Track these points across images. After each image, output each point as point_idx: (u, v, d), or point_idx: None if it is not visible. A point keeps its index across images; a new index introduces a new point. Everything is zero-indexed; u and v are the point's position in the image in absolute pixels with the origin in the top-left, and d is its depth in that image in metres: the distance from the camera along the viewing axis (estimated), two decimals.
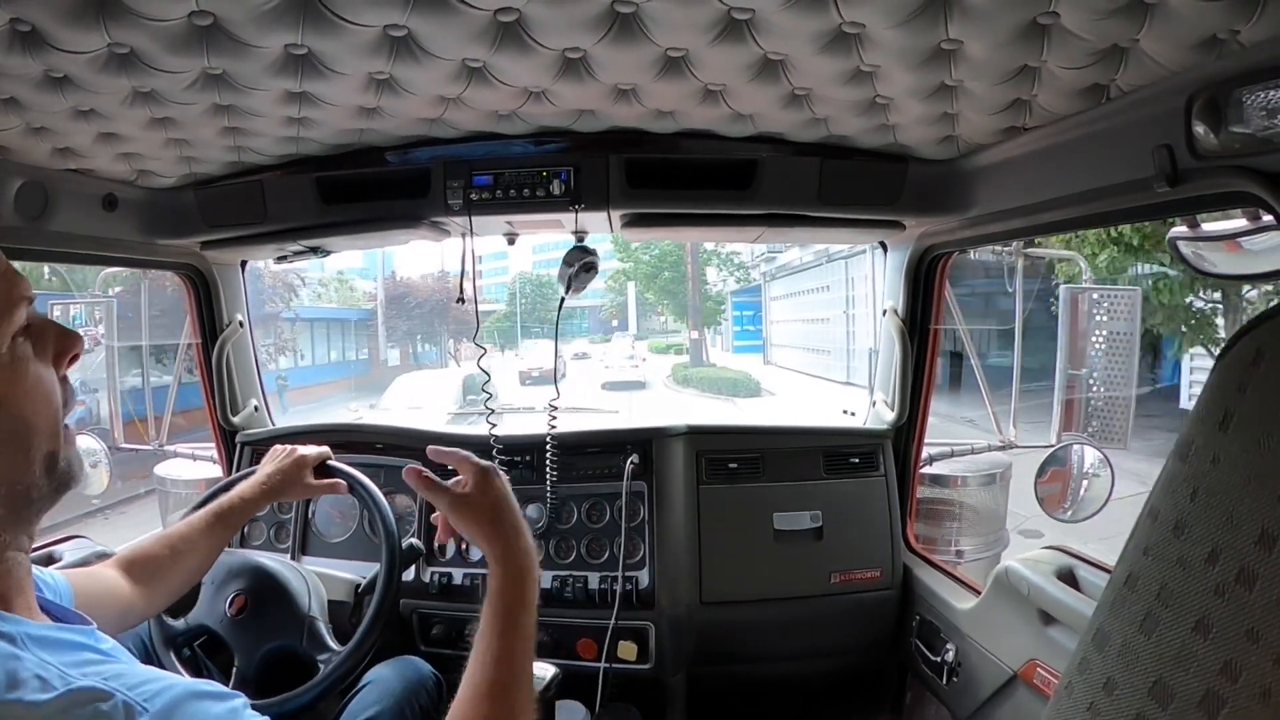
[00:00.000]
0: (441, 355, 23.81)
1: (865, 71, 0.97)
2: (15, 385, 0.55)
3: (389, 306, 22.61)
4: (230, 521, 1.20)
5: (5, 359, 0.55)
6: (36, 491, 0.57)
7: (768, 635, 1.66)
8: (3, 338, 0.55)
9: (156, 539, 1.11)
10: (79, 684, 0.50)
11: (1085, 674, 0.50)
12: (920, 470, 1.83)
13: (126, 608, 1.01)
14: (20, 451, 0.55)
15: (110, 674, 0.52)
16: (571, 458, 1.64)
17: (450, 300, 20.29)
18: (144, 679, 0.52)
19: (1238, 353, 0.45)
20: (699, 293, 22.80)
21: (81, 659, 0.53)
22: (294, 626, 1.27)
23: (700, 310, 22.72)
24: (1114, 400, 2.07)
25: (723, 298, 25.23)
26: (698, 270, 22.91)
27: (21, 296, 0.57)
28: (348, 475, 1.36)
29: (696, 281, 22.93)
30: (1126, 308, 2.11)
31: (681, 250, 22.42)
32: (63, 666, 0.51)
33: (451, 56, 0.95)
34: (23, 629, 0.53)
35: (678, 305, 24.18)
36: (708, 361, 21.96)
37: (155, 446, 2.16)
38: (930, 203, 1.38)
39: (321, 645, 1.26)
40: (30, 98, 0.97)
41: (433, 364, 22.14)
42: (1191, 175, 0.85)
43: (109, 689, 0.50)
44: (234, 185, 1.44)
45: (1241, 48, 0.77)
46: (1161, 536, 0.46)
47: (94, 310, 2.23)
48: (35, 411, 0.57)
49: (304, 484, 1.31)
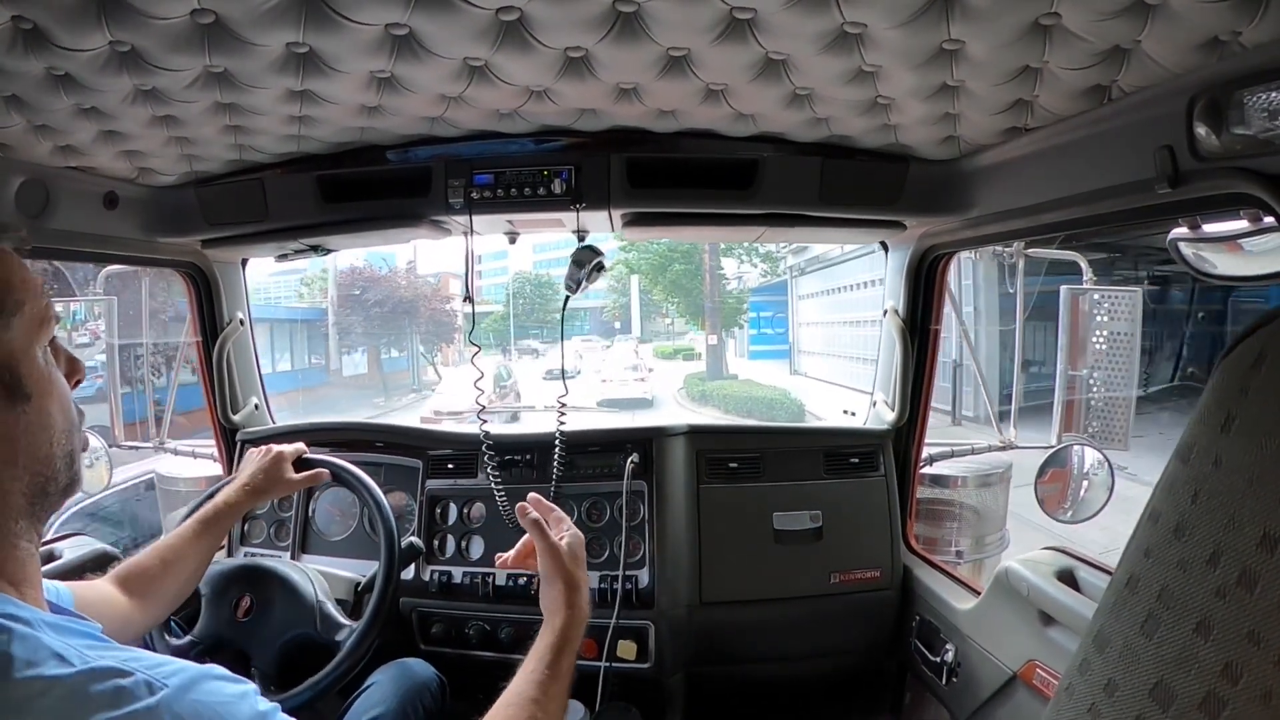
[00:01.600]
0: (413, 361, 19.30)
1: (867, 71, 0.97)
2: (48, 387, 0.62)
3: (344, 305, 17.99)
4: (216, 528, 1.20)
5: (41, 363, 0.62)
6: (54, 486, 0.62)
7: (767, 635, 1.66)
8: (41, 345, 0.63)
9: (148, 552, 1.12)
10: (98, 663, 0.52)
11: (1086, 675, 0.50)
12: (920, 470, 1.83)
13: (125, 620, 1.02)
14: (46, 444, 0.61)
15: (127, 656, 0.54)
16: (572, 457, 1.64)
17: (423, 298, 18.03)
18: (159, 661, 0.55)
19: (1239, 355, 0.45)
20: (718, 289, 18.66)
21: (95, 644, 0.56)
22: (305, 613, 1.27)
23: (720, 310, 18.52)
24: (1114, 400, 2.07)
25: (745, 295, 20.60)
26: (715, 262, 18.39)
27: (54, 313, 0.65)
28: (328, 464, 1.36)
29: (715, 275, 18.71)
30: (1127, 308, 2.11)
31: None
32: (81, 647, 0.54)
33: (453, 55, 0.95)
34: (38, 615, 0.55)
35: (690, 303, 20.05)
36: (728, 373, 18.07)
37: (155, 444, 2.16)
38: (931, 203, 1.38)
39: (336, 625, 1.26)
40: (32, 96, 0.97)
41: (401, 372, 18.74)
42: (1193, 176, 0.85)
43: (128, 668, 0.53)
44: (235, 183, 1.44)
45: (1243, 49, 0.77)
46: (1162, 538, 0.46)
47: (94, 307, 2.23)
48: (60, 412, 0.63)
49: (286, 480, 1.31)
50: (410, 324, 18.75)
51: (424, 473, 1.71)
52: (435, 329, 18.83)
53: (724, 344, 18.65)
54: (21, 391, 0.59)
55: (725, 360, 18.41)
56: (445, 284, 19.40)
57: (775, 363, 19.34)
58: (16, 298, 0.60)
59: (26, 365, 0.60)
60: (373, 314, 17.96)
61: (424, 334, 19.03)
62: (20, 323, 0.60)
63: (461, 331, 18.69)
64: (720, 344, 18.36)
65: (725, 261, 18.96)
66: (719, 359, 18.13)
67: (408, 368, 19.07)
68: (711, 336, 18.26)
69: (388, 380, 17.81)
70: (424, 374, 19.07)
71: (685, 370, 18.65)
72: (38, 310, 0.62)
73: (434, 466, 1.71)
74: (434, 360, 19.51)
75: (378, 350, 18.54)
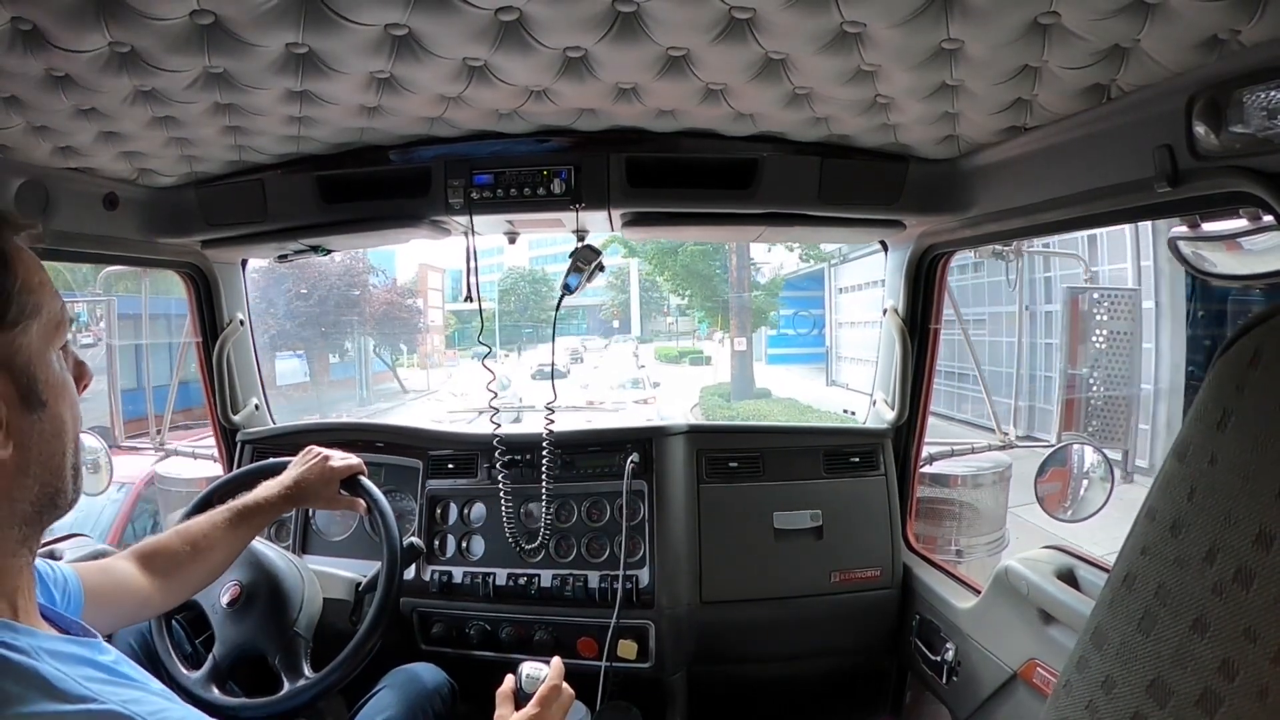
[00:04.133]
0: (361, 368, 15.43)
1: (866, 71, 0.97)
2: (62, 393, 0.60)
3: (274, 300, 13.10)
4: (253, 522, 1.20)
5: (56, 368, 0.60)
6: (62, 498, 0.60)
7: (768, 634, 1.66)
8: (55, 349, 0.60)
9: (174, 534, 1.11)
10: (96, 705, 0.51)
11: (1084, 672, 0.50)
12: (920, 470, 1.83)
13: (143, 601, 1.01)
14: (58, 453, 0.59)
15: (128, 698, 0.53)
16: (572, 456, 1.64)
17: (375, 296, 14.62)
18: (160, 707, 0.54)
19: (1236, 353, 0.45)
20: (746, 278, 13.92)
21: (96, 672, 0.54)
22: (275, 637, 1.26)
23: (749, 306, 13.90)
24: (1114, 400, 2.08)
25: (777, 286, 15.61)
26: (743, 245, 12.77)
27: (69, 316, 0.63)
28: (372, 498, 1.34)
29: (744, 261, 14.09)
30: (1127, 307, 2.12)
31: None
32: (80, 678, 0.52)
33: (452, 55, 0.95)
34: (37, 641, 0.53)
35: (707, 296, 15.39)
36: (758, 388, 13.55)
37: (155, 445, 2.16)
38: (931, 202, 1.38)
39: (293, 666, 1.24)
40: (31, 97, 0.97)
41: (349, 380, 15.29)
42: (1192, 175, 0.85)
43: (128, 712, 0.51)
44: (235, 184, 1.45)
45: (1242, 48, 0.77)
46: (1159, 536, 0.47)
47: (94, 309, 2.23)
48: (72, 419, 0.61)
49: (327, 497, 1.31)
50: (359, 323, 14.92)
51: (424, 473, 1.71)
52: (392, 328, 15.74)
53: (753, 349, 14.28)
54: (38, 398, 0.57)
55: (752, 371, 13.99)
56: (424, 277, 18.08)
57: (799, 368, 15.42)
58: (35, 300, 0.58)
59: (43, 370, 0.58)
60: (303, 311, 13.85)
61: (376, 335, 15.66)
62: (38, 326, 0.58)
63: (434, 332, 17.74)
64: (750, 349, 13.81)
65: (754, 244, 12.40)
66: (747, 370, 13.50)
67: (354, 374, 15.51)
68: (739, 340, 13.70)
69: (326, 392, 14.33)
70: (382, 381, 15.85)
71: (693, 376, 15.01)
72: (54, 314, 0.60)
73: (434, 467, 1.71)
74: (394, 364, 16.36)
75: (327, 356, 15.02)
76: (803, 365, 15.25)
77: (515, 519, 1.61)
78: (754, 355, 14.25)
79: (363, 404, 14.62)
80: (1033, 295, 6.80)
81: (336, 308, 14.33)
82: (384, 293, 15.61)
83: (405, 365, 17.19)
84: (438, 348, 18.92)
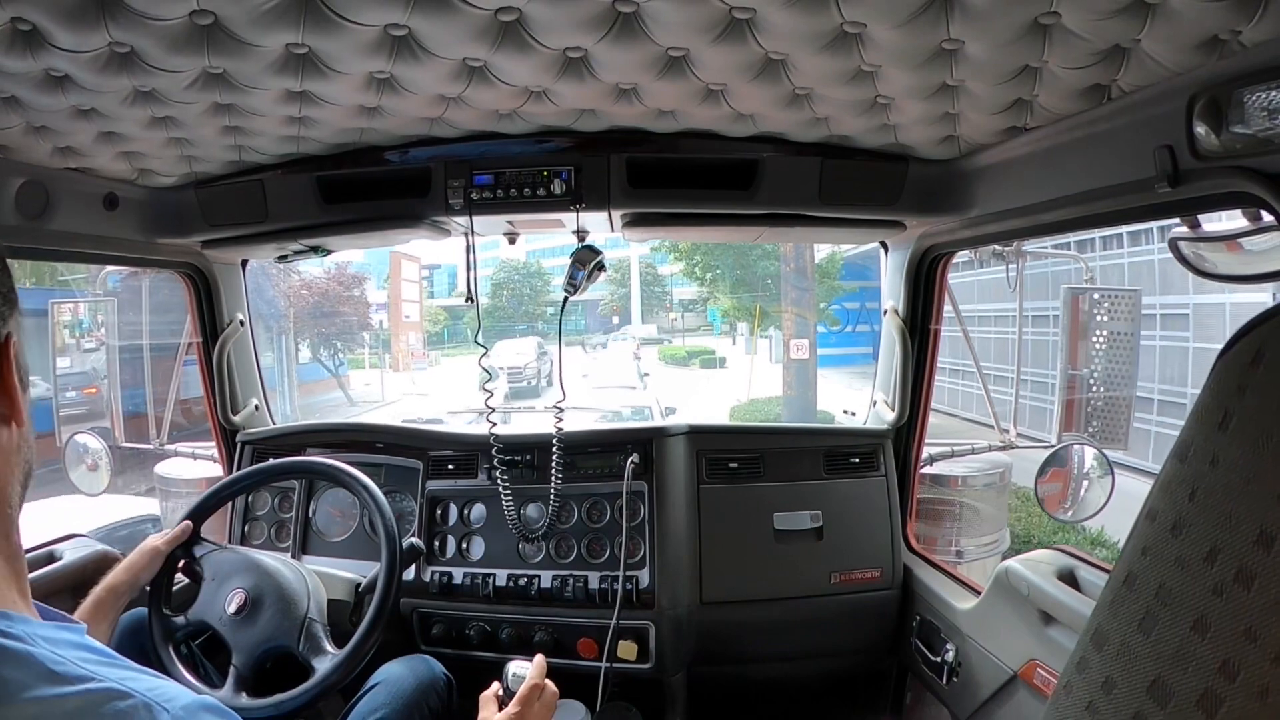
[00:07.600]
0: (283, 378, 11.71)
1: (866, 71, 0.97)
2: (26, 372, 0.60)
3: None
4: (108, 610, 1.20)
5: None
6: (30, 479, 0.61)
7: (768, 635, 1.66)
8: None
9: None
10: (95, 684, 0.51)
11: (1084, 673, 0.50)
12: (920, 470, 1.83)
13: None
14: (32, 431, 0.60)
15: (124, 676, 0.53)
16: (572, 457, 1.64)
17: (313, 285, 12.24)
18: (156, 684, 0.54)
19: (1237, 353, 0.45)
20: (810, 261, 9.78)
21: (90, 654, 0.54)
22: (292, 628, 1.27)
23: (812, 294, 9.88)
24: (1115, 400, 2.07)
25: (835, 266, 10.61)
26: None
27: (15, 301, 0.60)
28: (370, 498, 1.35)
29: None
30: (1127, 308, 2.12)
31: None
32: (76, 659, 0.52)
33: (452, 56, 0.95)
34: (31, 627, 0.54)
35: (746, 281, 11.64)
36: (820, 411, 9.16)
37: (156, 445, 2.16)
38: (931, 203, 1.38)
39: (318, 648, 1.25)
40: (31, 97, 0.97)
41: (318, 382, 12.77)
42: (1192, 176, 0.85)
43: (126, 689, 0.51)
44: (235, 184, 1.45)
45: (1243, 48, 0.77)
46: (1160, 536, 0.46)
47: (95, 312, 2.23)
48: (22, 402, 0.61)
49: (152, 548, 1.30)
50: (278, 316, 12.12)
51: (424, 473, 1.71)
52: (342, 327, 13.24)
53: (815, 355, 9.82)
54: (27, 379, 0.60)
55: (816, 388, 9.72)
56: (397, 265, 16.50)
57: (849, 369, 11.21)
58: (9, 295, 0.58)
59: (22, 353, 0.59)
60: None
61: (323, 334, 13.23)
62: (15, 323, 0.58)
63: (410, 329, 16.57)
64: (813, 355, 9.61)
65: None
66: (808, 386, 9.40)
67: (275, 385, 11.01)
68: (797, 344, 9.50)
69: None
70: (313, 392, 12.91)
71: (704, 383, 11.82)
72: (13, 298, 0.60)
73: (434, 467, 1.71)
74: (337, 370, 13.46)
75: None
76: (853, 366, 11.22)
77: (516, 519, 1.61)
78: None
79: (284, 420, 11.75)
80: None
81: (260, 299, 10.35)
82: (327, 281, 13.01)
83: (373, 368, 14.95)
84: (414, 346, 17.22)
